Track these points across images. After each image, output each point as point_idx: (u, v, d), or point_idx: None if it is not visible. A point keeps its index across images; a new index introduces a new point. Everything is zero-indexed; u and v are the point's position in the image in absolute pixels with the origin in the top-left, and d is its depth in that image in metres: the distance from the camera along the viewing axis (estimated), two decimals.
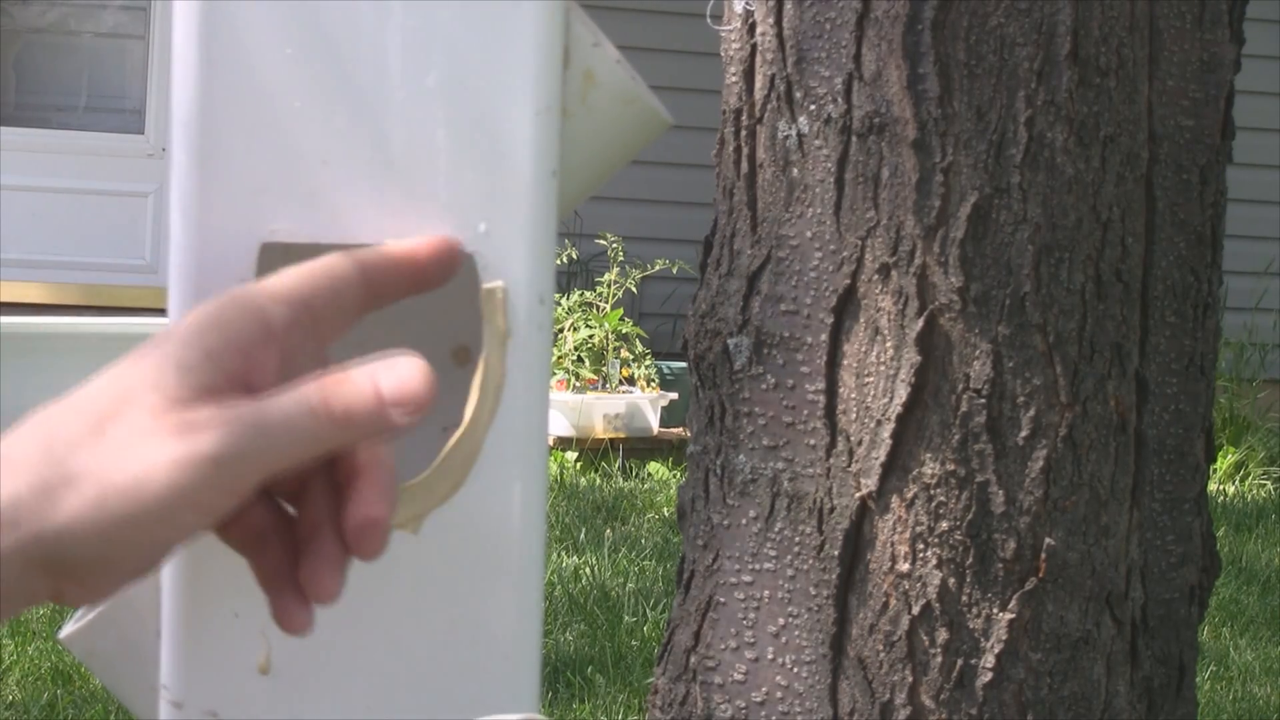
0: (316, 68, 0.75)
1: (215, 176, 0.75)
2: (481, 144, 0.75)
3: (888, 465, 1.99)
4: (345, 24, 0.75)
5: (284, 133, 0.75)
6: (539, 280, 0.77)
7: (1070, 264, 2.00)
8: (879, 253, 1.99)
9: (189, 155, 0.76)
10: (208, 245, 0.75)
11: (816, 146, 2.02)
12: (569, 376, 7.17)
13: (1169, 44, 2.10)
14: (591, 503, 6.44)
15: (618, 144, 0.82)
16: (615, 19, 7.52)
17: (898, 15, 1.97)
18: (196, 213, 0.75)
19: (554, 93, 0.77)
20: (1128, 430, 2.06)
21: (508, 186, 0.74)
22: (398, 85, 0.75)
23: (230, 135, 0.75)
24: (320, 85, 0.75)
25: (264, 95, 0.75)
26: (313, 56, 0.75)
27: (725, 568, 2.09)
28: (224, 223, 0.75)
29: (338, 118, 0.75)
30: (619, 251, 7.58)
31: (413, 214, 0.75)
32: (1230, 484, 7.72)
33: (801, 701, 2.03)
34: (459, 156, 0.76)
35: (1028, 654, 2.00)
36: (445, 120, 0.75)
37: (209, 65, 0.75)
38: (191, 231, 0.76)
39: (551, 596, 5.13)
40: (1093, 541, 2.02)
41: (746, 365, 2.07)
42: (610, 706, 4.32)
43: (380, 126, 0.76)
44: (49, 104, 9.10)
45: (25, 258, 8.46)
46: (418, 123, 0.75)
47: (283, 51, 0.75)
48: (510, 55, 0.76)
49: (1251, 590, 5.85)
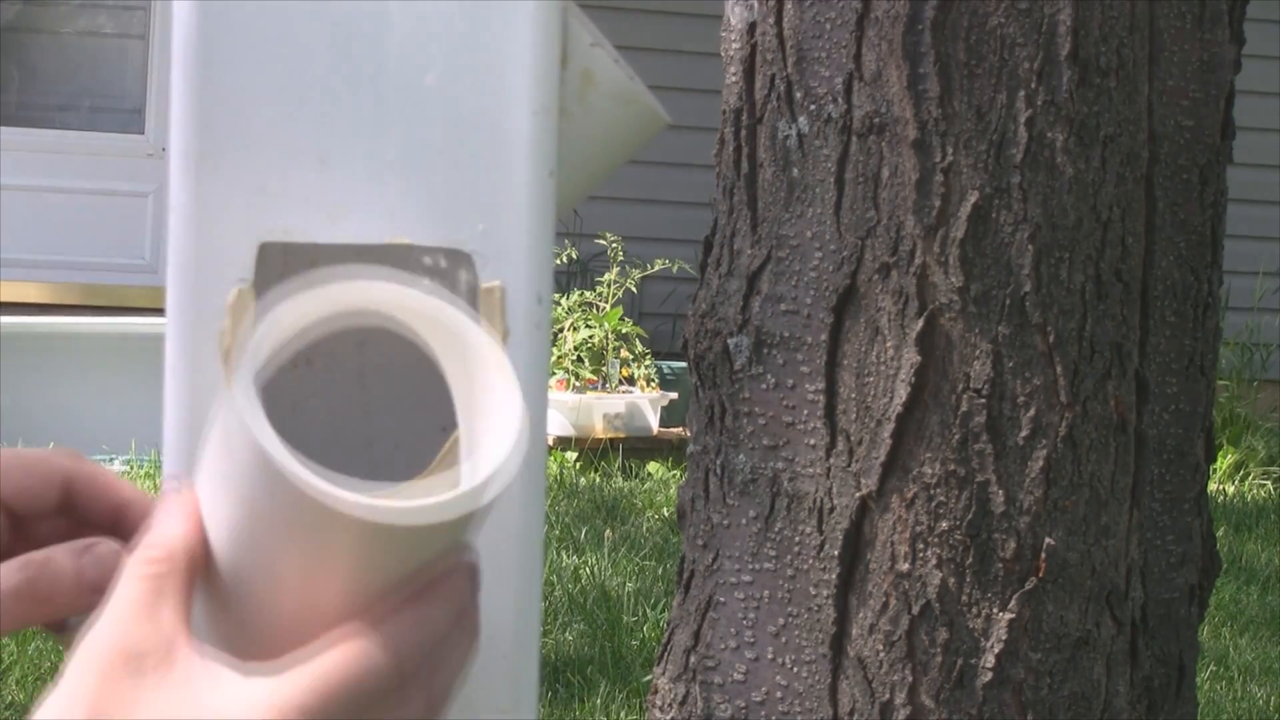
0: (315, 67, 0.75)
1: (215, 176, 0.75)
2: (480, 144, 0.75)
3: (888, 465, 1.99)
4: (344, 24, 0.75)
5: (283, 133, 0.75)
6: (537, 279, 0.77)
7: (1070, 264, 1.99)
8: (879, 252, 1.99)
9: (188, 155, 0.76)
10: (207, 245, 0.75)
11: (817, 146, 2.02)
12: (569, 376, 7.17)
13: (1169, 44, 2.10)
14: (591, 502, 6.44)
15: (616, 144, 0.82)
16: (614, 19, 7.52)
17: (898, 15, 1.97)
18: (195, 212, 0.75)
19: (552, 92, 0.77)
20: (1128, 430, 2.06)
21: (506, 186, 0.74)
22: (396, 85, 0.75)
23: (230, 135, 0.75)
24: (319, 85, 0.75)
25: (263, 95, 0.75)
26: (311, 56, 0.75)
27: (725, 567, 2.09)
28: (223, 222, 0.75)
29: (336, 118, 0.75)
30: (619, 251, 7.58)
31: (411, 213, 0.75)
32: (1230, 484, 7.72)
33: (801, 701, 2.03)
34: (457, 156, 0.76)
35: (1028, 654, 2.00)
36: (444, 120, 0.75)
37: (209, 65, 0.75)
38: (190, 231, 0.76)
39: (551, 596, 5.13)
40: (1093, 541, 2.02)
41: (746, 365, 2.07)
42: (610, 706, 4.33)
43: (379, 126, 0.76)
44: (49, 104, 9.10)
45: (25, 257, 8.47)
46: (416, 122, 0.75)
47: (282, 51, 0.75)
48: (508, 55, 0.76)
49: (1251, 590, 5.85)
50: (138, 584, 0.70)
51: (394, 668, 0.68)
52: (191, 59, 0.75)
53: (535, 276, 0.77)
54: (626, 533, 6.02)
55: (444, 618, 0.70)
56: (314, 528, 0.67)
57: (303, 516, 0.67)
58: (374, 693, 0.68)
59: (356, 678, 0.67)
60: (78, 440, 6.56)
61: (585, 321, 7.31)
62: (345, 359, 0.76)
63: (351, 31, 0.75)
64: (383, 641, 0.68)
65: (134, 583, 0.70)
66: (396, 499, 0.67)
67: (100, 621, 0.69)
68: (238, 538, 0.71)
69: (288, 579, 0.70)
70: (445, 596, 0.70)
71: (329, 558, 0.68)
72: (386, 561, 0.69)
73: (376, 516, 0.66)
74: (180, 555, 0.71)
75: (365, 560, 0.68)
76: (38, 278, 8.37)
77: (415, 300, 0.71)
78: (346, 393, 0.79)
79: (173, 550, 0.71)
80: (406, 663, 0.68)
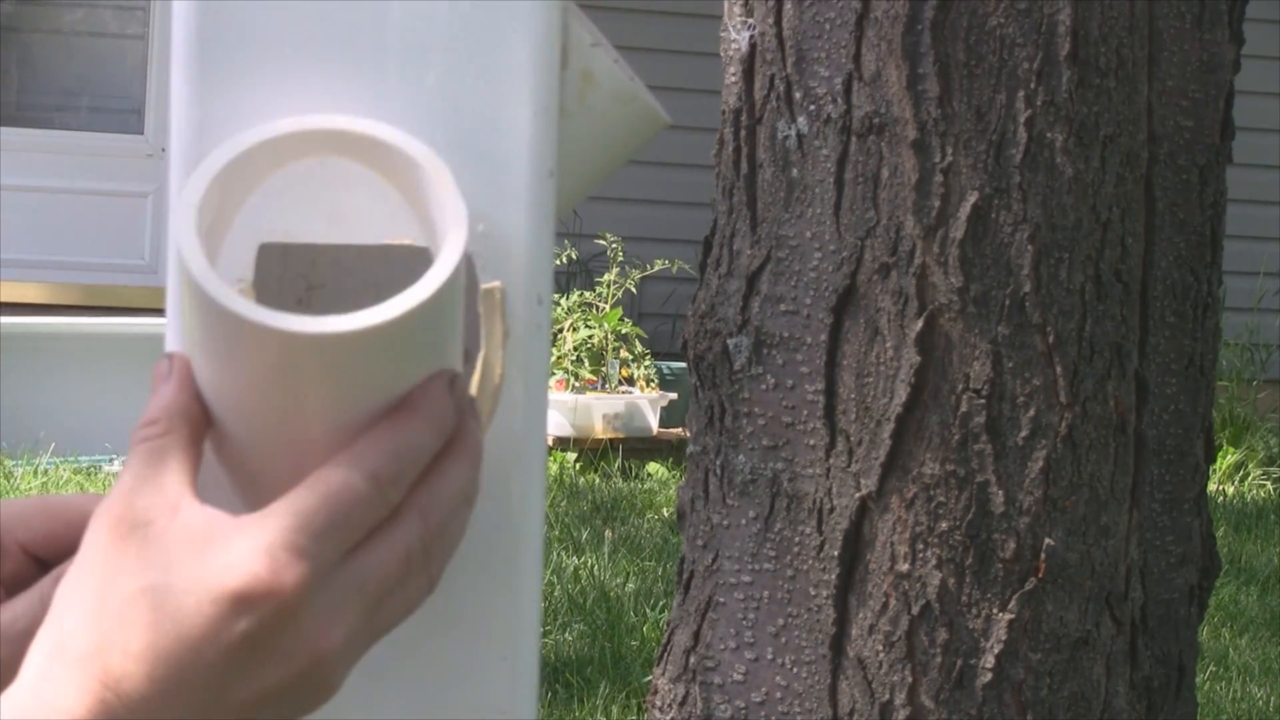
0: (315, 67, 0.75)
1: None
2: (480, 144, 0.75)
3: (887, 465, 1.99)
4: (344, 24, 0.75)
5: None
6: (537, 280, 0.77)
7: (1070, 264, 2.00)
8: (878, 253, 1.99)
9: (188, 155, 0.76)
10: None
11: (816, 146, 2.02)
12: (568, 377, 7.17)
13: (1169, 44, 2.10)
14: (591, 503, 6.44)
15: (616, 144, 0.82)
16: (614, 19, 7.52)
17: (897, 15, 1.97)
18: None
19: (552, 93, 0.77)
20: (1127, 430, 2.06)
21: (506, 187, 0.74)
22: (396, 85, 0.75)
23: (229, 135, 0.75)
24: (319, 85, 0.75)
25: (262, 95, 0.75)
26: (311, 56, 0.75)
27: (725, 568, 2.09)
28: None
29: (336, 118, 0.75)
30: (618, 251, 7.58)
31: (411, 213, 0.75)
32: (1230, 484, 7.72)
33: (801, 702, 2.03)
34: (457, 156, 0.76)
35: (1027, 654, 2.00)
36: (444, 120, 0.75)
37: (209, 65, 0.75)
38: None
39: (551, 597, 5.13)
40: (1092, 542, 2.02)
41: (746, 365, 2.07)
42: (610, 707, 4.32)
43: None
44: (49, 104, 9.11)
45: (25, 258, 8.47)
46: (416, 123, 0.75)
47: (282, 51, 0.75)
48: (509, 55, 0.76)
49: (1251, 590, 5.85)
50: (139, 456, 0.72)
51: (368, 478, 0.69)
52: (191, 59, 0.75)
53: (535, 277, 0.77)
54: (626, 533, 6.02)
55: (416, 426, 0.71)
56: (255, 350, 0.69)
57: (248, 345, 0.69)
58: (354, 509, 0.69)
59: (333, 499, 0.69)
60: (77, 441, 6.56)
61: (585, 322, 7.31)
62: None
63: (351, 31, 0.75)
64: (351, 459, 0.70)
65: (136, 456, 0.72)
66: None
67: (108, 496, 0.72)
68: (219, 392, 0.72)
69: (268, 422, 0.71)
70: (415, 406, 0.71)
71: (293, 389, 0.70)
72: (348, 387, 0.70)
73: (303, 327, 0.68)
74: (178, 421, 0.72)
75: (328, 388, 0.70)
76: (37, 278, 8.37)
77: (348, 124, 0.73)
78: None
79: (170, 417, 0.72)
80: (381, 471, 0.70)
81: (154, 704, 0.68)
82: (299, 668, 0.69)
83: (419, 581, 0.72)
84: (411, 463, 0.71)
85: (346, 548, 0.70)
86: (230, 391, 0.72)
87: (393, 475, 0.70)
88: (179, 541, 0.69)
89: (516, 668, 0.80)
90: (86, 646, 0.68)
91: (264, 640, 0.68)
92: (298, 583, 0.68)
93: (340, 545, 0.69)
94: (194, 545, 0.69)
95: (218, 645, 0.68)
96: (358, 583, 0.70)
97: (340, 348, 0.68)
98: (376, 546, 0.70)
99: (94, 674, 0.68)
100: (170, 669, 0.68)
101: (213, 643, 0.68)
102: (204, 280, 0.68)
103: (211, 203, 0.71)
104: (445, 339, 0.73)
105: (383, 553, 0.71)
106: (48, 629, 0.70)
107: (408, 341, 0.70)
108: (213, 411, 0.73)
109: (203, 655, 0.68)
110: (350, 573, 0.70)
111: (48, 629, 0.70)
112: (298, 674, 0.69)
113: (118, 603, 0.68)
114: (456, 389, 0.73)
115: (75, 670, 0.68)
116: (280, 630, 0.68)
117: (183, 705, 0.68)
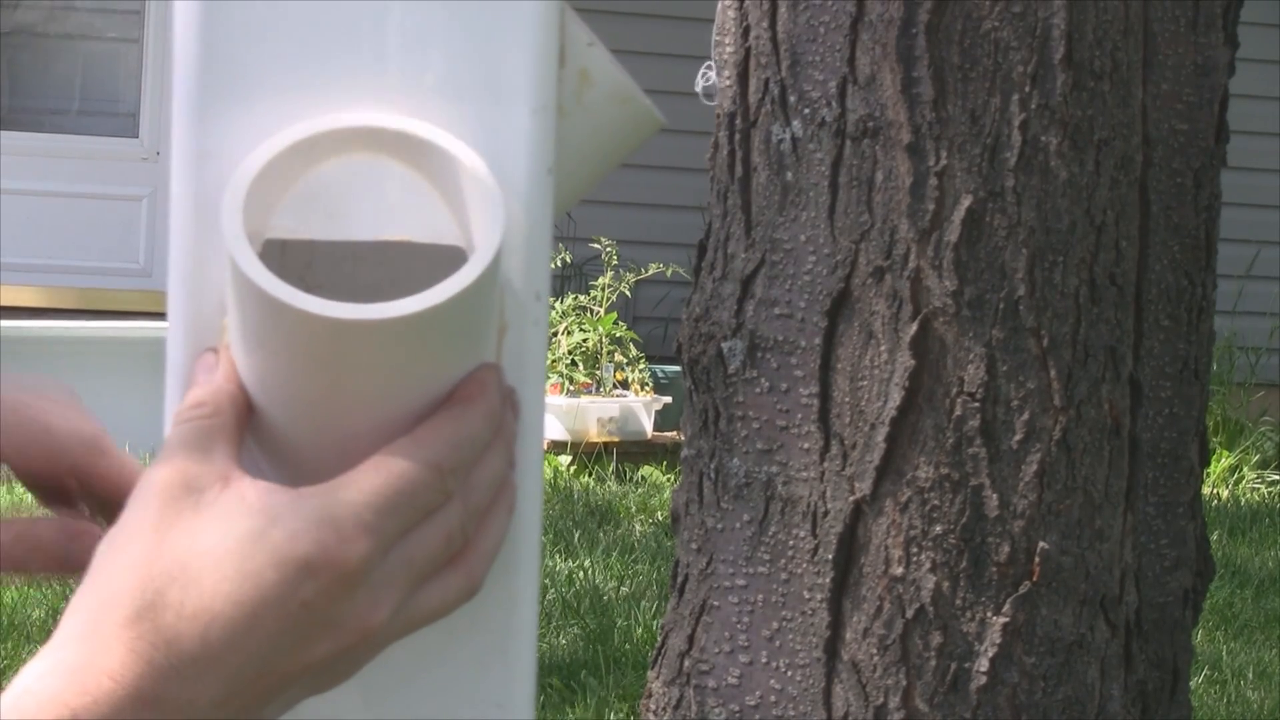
0: (315, 68, 0.75)
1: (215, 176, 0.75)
2: (479, 142, 0.75)
3: (881, 469, 1.99)
4: (343, 24, 0.75)
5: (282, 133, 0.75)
6: (535, 277, 0.77)
7: (1064, 268, 2.00)
8: (873, 256, 1.99)
9: (188, 155, 0.76)
10: (207, 245, 0.75)
11: (810, 150, 2.02)
12: (563, 380, 7.17)
13: (1163, 48, 2.10)
14: (585, 506, 6.44)
15: (613, 143, 0.83)
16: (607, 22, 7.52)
17: (892, 19, 1.97)
18: (196, 212, 0.75)
19: (550, 91, 0.77)
20: (1121, 434, 2.06)
21: (505, 183, 0.74)
22: (395, 85, 0.75)
23: (229, 135, 0.75)
24: (318, 85, 0.75)
25: (262, 95, 0.75)
26: (311, 57, 0.75)
27: (719, 571, 2.09)
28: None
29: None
30: (613, 255, 7.58)
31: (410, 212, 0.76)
32: (1224, 488, 7.72)
33: (795, 705, 2.03)
34: None
35: (1022, 658, 2.00)
36: (443, 119, 0.75)
37: (209, 65, 0.75)
38: (190, 232, 0.76)
39: (545, 600, 5.13)
40: (1086, 545, 2.02)
41: (740, 369, 2.07)
42: (604, 710, 4.32)
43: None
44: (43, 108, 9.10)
45: (20, 261, 8.46)
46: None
47: (282, 51, 0.75)
48: (507, 55, 0.76)
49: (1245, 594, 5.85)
50: (185, 432, 0.72)
51: (431, 467, 0.71)
52: (191, 59, 0.75)
53: (533, 274, 0.77)
54: (620, 537, 6.02)
55: (474, 419, 0.72)
56: (303, 338, 0.70)
57: (296, 332, 0.69)
58: (417, 494, 0.70)
59: (397, 481, 0.70)
60: None
61: (579, 325, 7.31)
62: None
63: (351, 31, 0.75)
64: (414, 446, 0.71)
65: (181, 432, 0.72)
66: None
67: (155, 463, 0.72)
68: (264, 381, 0.73)
69: (313, 411, 0.72)
70: (472, 398, 0.72)
71: (339, 377, 0.71)
72: (392, 375, 0.71)
73: (353, 314, 0.68)
74: (225, 404, 0.73)
75: (373, 375, 0.71)
76: (33, 282, 8.36)
77: (391, 122, 0.74)
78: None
79: (217, 401, 0.73)
80: (443, 461, 0.71)
81: (203, 666, 0.67)
82: (347, 642, 0.70)
83: (458, 580, 0.73)
84: (470, 454, 0.72)
85: (406, 530, 0.70)
86: (277, 382, 0.72)
87: (453, 465, 0.71)
88: (234, 509, 0.69)
89: (514, 669, 0.80)
90: (136, 605, 0.68)
91: (321, 610, 0.69)
92: (362, 556, 0.69)
93: (402, 527, 0.70)
94: (250, 513, 0.69)
95: (278, 610, 0.68)
96: (405, 559, 0.71)
97: (387, 334, 0.69)
98: (423, 525, 0.71)
99: (142, 633, 0.67)
100: (226, 631, 0.68)
101: (273, 607, 0.68)
102: (252, 271, 0.69)
103: (252, 202, 0.72)
104: (485, 327, 0.74)
105: (427, 531, 0.71)
106: (89, 589, 0.69)
107: (452, 328, 0.71)
108: (256, 403, 0.73)
109: (261, 620, 0.68)
110: (401, 550, 0.71)
111: (89, 589, 0.69)
112: (343, 648, 0.70)
113: (170, 563, 0.68)
114: (501, 383, 0.74)
115: (123, 629, 0.68)
116: (338, 601, 0.69)
117: (232, 671, 0.68)
